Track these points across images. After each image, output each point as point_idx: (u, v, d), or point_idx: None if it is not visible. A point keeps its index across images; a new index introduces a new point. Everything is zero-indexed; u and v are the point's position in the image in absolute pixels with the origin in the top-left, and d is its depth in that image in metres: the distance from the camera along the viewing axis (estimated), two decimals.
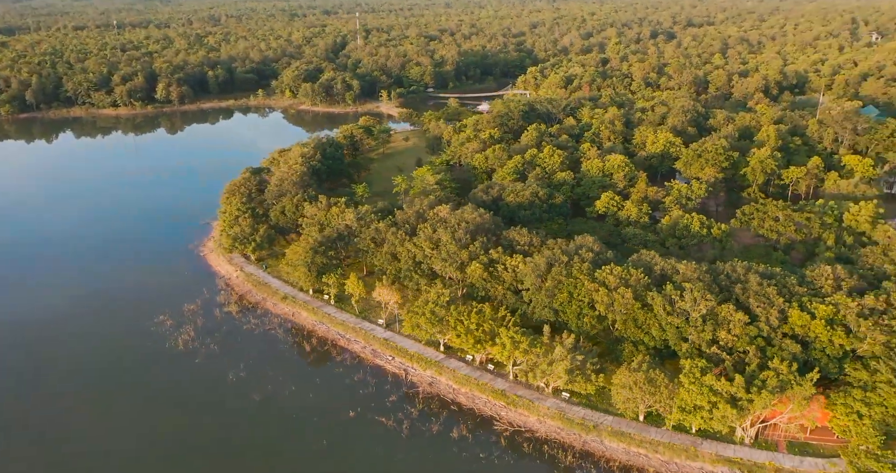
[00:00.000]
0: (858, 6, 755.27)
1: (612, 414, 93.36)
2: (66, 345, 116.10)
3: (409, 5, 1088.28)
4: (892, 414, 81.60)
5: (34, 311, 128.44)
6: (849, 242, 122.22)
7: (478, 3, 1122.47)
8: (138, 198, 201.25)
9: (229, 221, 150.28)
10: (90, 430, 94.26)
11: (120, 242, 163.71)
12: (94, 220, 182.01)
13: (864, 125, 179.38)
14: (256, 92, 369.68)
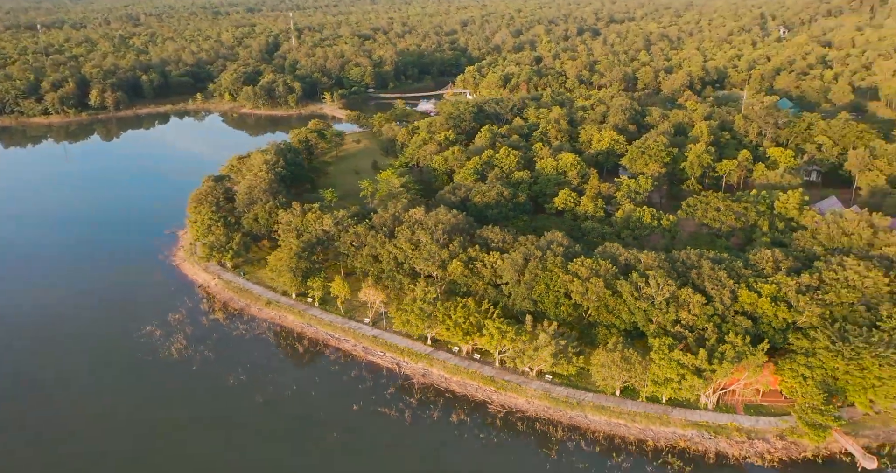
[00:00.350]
0: (765, 1, 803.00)
1: (593, 391, 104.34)
2: (58, 359, 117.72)
3: (334, 2, 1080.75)
4: (831, 375, 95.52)
5: (15, 327, 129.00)
6: (780, 227, 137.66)
7: (404, 0, 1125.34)
8: (92, 209, 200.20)
9: (202, 230, 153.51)
10: (103, 437, 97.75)
11: (87, 255, 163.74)
12: (53, 234, 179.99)
13: (783, 120, 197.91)
14: (194, 96, 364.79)
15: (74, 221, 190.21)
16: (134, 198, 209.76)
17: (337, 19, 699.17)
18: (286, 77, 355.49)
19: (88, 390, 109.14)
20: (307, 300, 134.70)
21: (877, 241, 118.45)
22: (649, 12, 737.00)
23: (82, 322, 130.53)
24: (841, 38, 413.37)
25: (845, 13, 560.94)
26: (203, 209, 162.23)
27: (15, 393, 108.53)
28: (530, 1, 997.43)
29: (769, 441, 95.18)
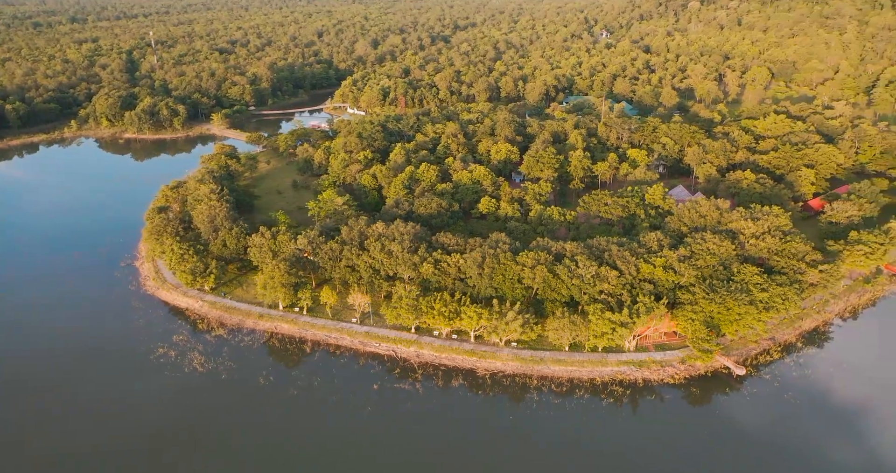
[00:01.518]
0: (586, 5, 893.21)
1: (549, 350, 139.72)
2: (83, 392, 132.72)
3: (164, 7, 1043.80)
4: (709, 316, 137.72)
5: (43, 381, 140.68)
6: (653, 214, 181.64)
7: (243, 6, 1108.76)
8: (24, 244, 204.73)
9: (176, 260, 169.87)
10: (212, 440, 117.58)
11: (56, 296, 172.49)
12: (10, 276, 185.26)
13: (634, 126, 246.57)
14: (69, 123, 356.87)
15: (21, 255, 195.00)
16: (55, 232, 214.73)
17: (182, 30, 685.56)
18: (167, 100, 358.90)
19: (151, 408, 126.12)
20: (294, 310, 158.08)
21: (723, 219, 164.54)
22: (487, 17, 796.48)
23: (93, 356, 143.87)
24: (656, 43, 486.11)
25: (654, 17, 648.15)
26: (167, 240, 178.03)
27: (98, 427, 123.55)
28: (372, 6, 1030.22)
29: (675, 366, 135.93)
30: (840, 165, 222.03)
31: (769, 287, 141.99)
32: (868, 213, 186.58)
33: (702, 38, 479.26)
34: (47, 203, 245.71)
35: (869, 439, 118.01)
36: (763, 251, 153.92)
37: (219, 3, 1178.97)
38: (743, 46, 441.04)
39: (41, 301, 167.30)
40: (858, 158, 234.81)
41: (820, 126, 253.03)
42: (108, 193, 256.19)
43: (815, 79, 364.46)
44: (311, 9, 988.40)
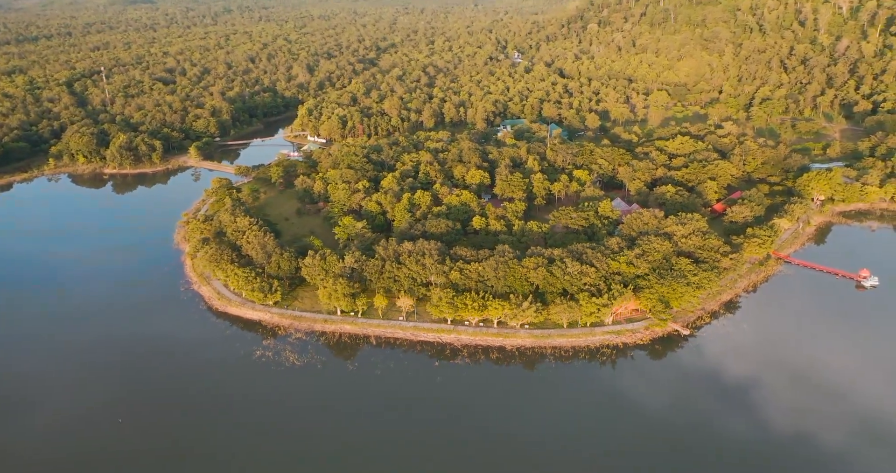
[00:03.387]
0: (490, 23, 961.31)
1: (553, 328, 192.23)
2: (223, 390, 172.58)
3: (63, 29, 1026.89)
4: (662, 295, 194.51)
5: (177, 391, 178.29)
6: (606, 223, 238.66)
7: (146, 25, 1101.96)
8: (78, 280, 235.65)
9: (242, 281, 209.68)
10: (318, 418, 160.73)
11: (137, 317, 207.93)
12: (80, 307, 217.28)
13: (575, 150, 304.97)
14: (42, 161, 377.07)
15: (92, 299, 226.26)
16: (111, 268, 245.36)
17: (107, 57, 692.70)
18: (142, 136, 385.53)
19: (279, 393, 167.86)
20: (350, 314, 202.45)
21: (660, 225, 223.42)
22: (404, 38, 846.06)
23: (208, 363, 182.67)
24: (568, 67, 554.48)
25: (559, 39, 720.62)
26: (227, 266, 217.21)
27: (237, 422, 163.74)
28: (285, 26, 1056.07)
29: (641, 332, 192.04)
30: (733, 176, 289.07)
31: (698, 272, 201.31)
32: (757, 213, 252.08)
33: (606, 62, 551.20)
34: (74, 243, 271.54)
35: (761, 364, 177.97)
36: (691, 247, 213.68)
37: (118, 21, 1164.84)
38: (642, 69, 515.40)
39: (137, 327, 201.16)
40: (745, 169, 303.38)
41: (715, 144, 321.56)
42: (124, 229, 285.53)
43: (704, 99, 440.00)
44: (226, 30, 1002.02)
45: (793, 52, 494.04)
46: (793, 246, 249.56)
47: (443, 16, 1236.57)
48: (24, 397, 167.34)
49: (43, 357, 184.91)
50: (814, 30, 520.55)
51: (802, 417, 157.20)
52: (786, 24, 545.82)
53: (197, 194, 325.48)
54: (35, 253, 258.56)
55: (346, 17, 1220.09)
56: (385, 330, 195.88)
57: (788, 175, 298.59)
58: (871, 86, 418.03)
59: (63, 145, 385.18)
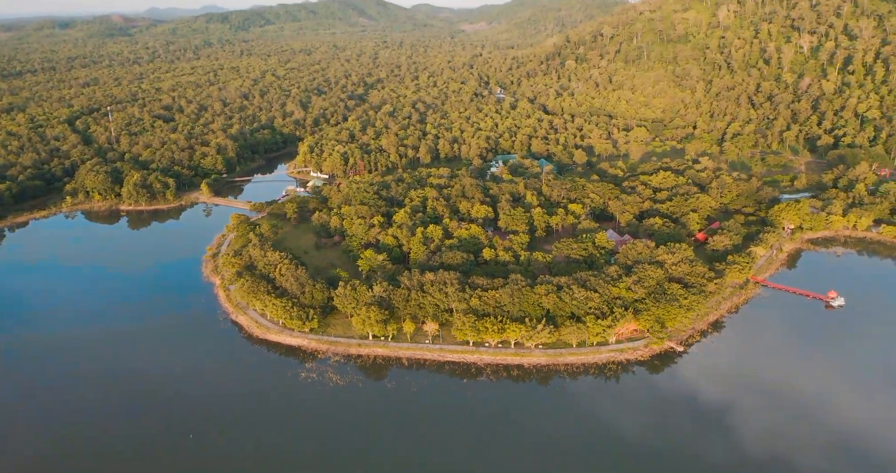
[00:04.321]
0: (471, 59, 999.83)
1: (564, 347, 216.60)
2: (280, 407, 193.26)
3: (47, 64, 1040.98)
4: (658, 317, 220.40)
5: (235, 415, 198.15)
6: (603, 253, 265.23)
7: (128, 59, 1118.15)
8: (119, 316, 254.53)
9: (280, 311, 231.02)
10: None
11: (185, 348, 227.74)
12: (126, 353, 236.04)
13: (569, 185, 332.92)
14: (58, 198, 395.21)
15: (139, 334, 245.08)
16: (147, 302, 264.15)
17: (101, 93, 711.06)
18: (155, 173, 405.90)
19: (331, 408, 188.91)
20: (381, 339, 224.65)
21: (652, 254, 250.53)
22: (389, 74, 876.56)
23: (264, 383, 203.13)
24: (551, 104, 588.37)
25: (539, 75, 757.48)
26: (264, 297, 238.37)
27: (285, 442, 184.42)
28: (269, 60, 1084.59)
29: (641, 349, 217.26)
30: (712, 207, 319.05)
31: (688, 296, 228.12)
32: (736, 242, 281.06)
33: (587, 98, 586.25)
34: (106, 279, 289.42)
35: (746, 375, 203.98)
36: (680, 273, 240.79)
37: (100, 55, 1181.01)
38: (621, 106, 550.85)
39: (187, 355, 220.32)
40: (723, 200, 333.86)
41: (694, 178, 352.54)
42: (150, 263, 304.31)
43: (680, 134, 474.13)
44: (211, 64, 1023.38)
45: (759, 89, 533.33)
46: (768, 270, 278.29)
47: (422, 50, 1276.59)
48: (94, 426, 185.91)
49: (102, 390, 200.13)
50: (778, 68, 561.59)
51: (781, 424, 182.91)
52: (752, 62, 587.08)
53: (210, 229, 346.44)
54: (68, 288, 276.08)
55: (328, 52, 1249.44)
56: (414, 352, 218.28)
57: (761, 206, 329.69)
58: (832, 122, 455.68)
59: (78, 183, 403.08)
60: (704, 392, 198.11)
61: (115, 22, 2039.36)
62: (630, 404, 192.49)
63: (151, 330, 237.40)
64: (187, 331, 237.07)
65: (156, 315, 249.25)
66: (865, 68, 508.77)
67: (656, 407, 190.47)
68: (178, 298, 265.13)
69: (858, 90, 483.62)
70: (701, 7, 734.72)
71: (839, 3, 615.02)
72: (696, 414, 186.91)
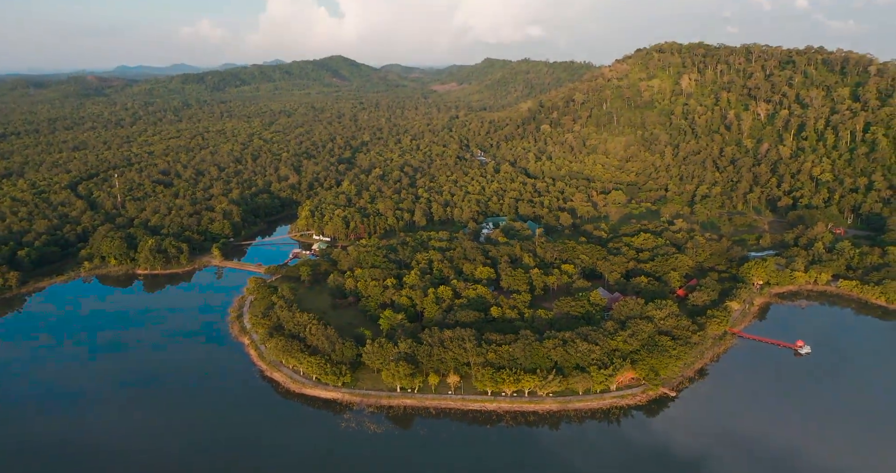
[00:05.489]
0: (448, 122, 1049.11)
1: (572, 395, 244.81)
2: (331, 457, 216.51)
3: (30, 126, 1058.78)
4: (653, 364, 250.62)
5: None
6: (598, 309, 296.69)
7: (110, 120, 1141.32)
8: (153, 377, 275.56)
9: (316, 367, 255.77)
10: None
11: (229, 407, 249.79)
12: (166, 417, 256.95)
13: (560, 247, 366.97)
14: (74, 263, 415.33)
15: (177, 395, 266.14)
16: (180, 363, 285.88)
17: (95, 158, 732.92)
18: (169, 239, 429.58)
19: (373, 453, 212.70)
20: (407, 391, 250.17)
21: (643, 311, 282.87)
22: (372, 137, 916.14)
23: (310, 435, 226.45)
24: (532, 167, 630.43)
25: (516, 138, 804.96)
26: (298, 355, 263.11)
27: None
28: (252, 122, 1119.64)
29: (639, 395, 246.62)
30: (689, 266, 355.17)
31: (676, 347, 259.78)
32: (713, 298, 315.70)
33: (565, 162, 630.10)
34: (133, 341, 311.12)
35: (727, 414, 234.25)
36: (668, 327, 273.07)
37: (80, 117, 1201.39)
38: (597, 169, 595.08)
39: (234, 412, 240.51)
40: (698, 259, 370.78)
41: (671, 239, 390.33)
42: (176, 325, 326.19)
43: (653, 196, 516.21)
44: (196, 127, 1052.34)
45: (723, 153, 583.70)
46: (742, 322, 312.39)
47: (399, 112, 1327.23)
48: None
49: (159, 456, 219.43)
50: (738, 133, 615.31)
51: (764, 460, 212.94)
52: (714, 127, 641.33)
53: (225, 291, 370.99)
54: (99, 353, 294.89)
55: (307, 113, 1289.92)
56: (439, 402, 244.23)
57: (732, 264, 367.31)
58: (790, 184, 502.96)
59: (94, 248, 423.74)
60: (697, 433, 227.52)
61: (90, 82, 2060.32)
62: (632, 445, 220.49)
63: (192, 391, 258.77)
64: (228, 389, 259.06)
65: (194, 375, 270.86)
66: (817, 134, 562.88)
67: (656, 447, 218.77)
68: (212, 359, 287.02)
69: (812, 155, 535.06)
70: (664, 75, 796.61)
71: (791, 75, 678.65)
72: (691, 453, 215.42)
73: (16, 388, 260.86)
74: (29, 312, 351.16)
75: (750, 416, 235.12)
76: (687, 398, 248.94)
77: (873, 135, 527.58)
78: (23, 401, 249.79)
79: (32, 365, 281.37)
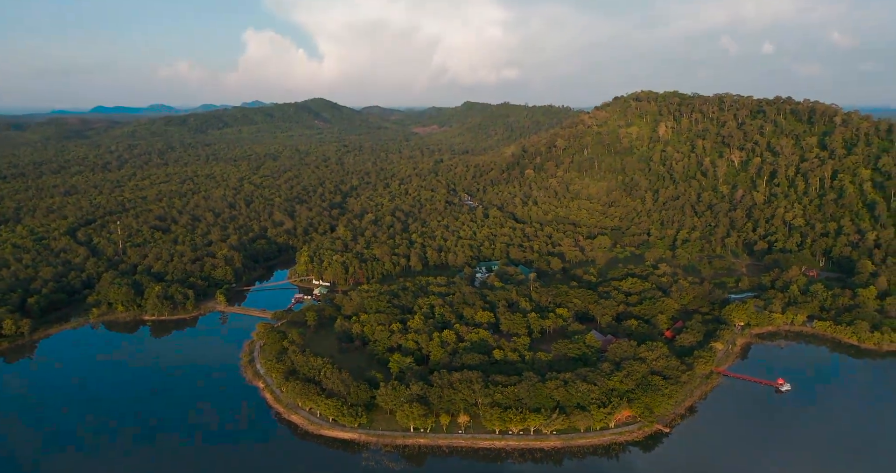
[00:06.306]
0: (433, 166, 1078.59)
1: (574, 432, 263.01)
2: None
3: (14, 171, 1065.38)
4: (648, 403, 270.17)
5: None
6: (593, 351, 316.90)
7: (101, 166, 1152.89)
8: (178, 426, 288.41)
9: (334, 410, 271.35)
10: None
11: (252, 455, 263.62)
12: None
13: (554, 292, 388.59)
14: (82, 309, 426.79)
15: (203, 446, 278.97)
16: (198, 409, 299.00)
17: (88, 202, 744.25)
18: (175, 285, 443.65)
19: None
20: (421, 430, 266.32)
21: (636, 352, 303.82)
22: (360, 181, 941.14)
23: None
24: (519, 212, 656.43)
25: (502, 183, 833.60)
26: (315, 398, 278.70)
27: None
28: (240, 166, 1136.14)
29: (636, 432, 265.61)
30: (675, 309, 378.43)
31: (668, 386, 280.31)
32: (698, 339, 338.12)
33: (551, 207, 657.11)
34: (149, 386, 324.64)
35: (717, 448, 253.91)
36: (660, 367, 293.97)
37: (65, 160, 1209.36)
38: (582, 214, 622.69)
39: (259, 455, 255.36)
40: (682, 302, 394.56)
41: (656, 282, 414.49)
42: (188, 370, 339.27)
43: (637, 240, 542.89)
44: (185, 171, 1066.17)
45: (700, 198, 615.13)
46: (727, 362, 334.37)
47: (384, 154, 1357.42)
48: None
49: None
50: (714, 179, 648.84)
51: None
52: (691, 173, 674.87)
53: (231, 335, 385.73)
54: (115, 400, 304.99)
55: (293, 157, 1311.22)
56: (451, 441, 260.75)
57: (714, 306, 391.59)
58: (764, 229, 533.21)
59: (101, 295, 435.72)
60: (691, 467, 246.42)
61: (70, 123, 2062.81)
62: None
63: (214, 434, 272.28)
64: (247, 432, 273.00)
65: (213, 418, 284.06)
66: (788, 181, 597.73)
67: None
68: (229, 402, 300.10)
69: (784, 200, 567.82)
70: (642, 123, 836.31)
71: (762, 124, 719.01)
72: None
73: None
74: (41, 364, 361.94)
75: (739, 451, 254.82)
76: (680, 434, 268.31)
77: (840, 182, 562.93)
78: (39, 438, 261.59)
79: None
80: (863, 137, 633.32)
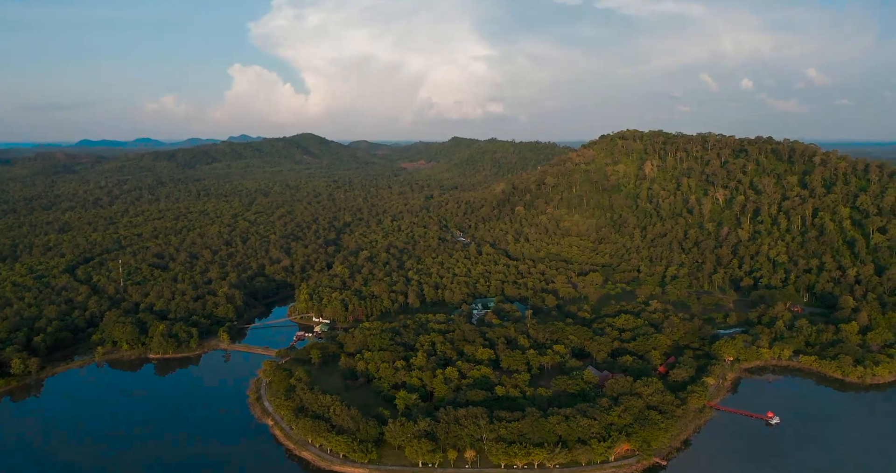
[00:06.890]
0: (422, 202, 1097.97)
1: (576, 466, 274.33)
2: None
3: (5, 207, 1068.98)
4: (645, 437, 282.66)
5: None
6: (591, 387, 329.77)
7: (92, 202, 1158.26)
8: None
9: (345, 446, 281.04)
10: None
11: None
12: None
13: (551, 329, 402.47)
14: (87, 348, 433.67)
15: None
16: (209, 446, 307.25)
17: (84, 239, 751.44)
18: (179, 323, 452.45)
19: None
20: (429, 465, 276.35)
21: (632, 387, 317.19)
22: (353, 217, 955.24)
23: None
24: (511, 249, 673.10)
25: (493, 220, 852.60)
26: (326, 434, 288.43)
27: None
28: (232, 203, 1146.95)
29: (634, 465, 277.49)
30: (667, 344, 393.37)
31: (664, 420, 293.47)
32: (691, 374, 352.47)
33: (543, 244, 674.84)
34: (157, 424, 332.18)
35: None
36: (655, 402, 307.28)
37: (55, 196, 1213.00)
38: (573, 251, 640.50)
39: None
40: (674, 338, 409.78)
41: (648, 319, 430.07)
42: (195, 409, 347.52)
43: (627, 277, 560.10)
44: (177, 207, 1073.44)
45: (687, 235, 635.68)
46: (718, 396, 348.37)
47: (374, 190, 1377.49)
48: None
49: None
50: (700, 217, 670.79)
51: None
52: (677, 211, 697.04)
53: (235, 373, 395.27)
54: (123, 438, 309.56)
55: (284, 193, 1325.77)
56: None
57: (704, 341, 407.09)
58: (750, 265, 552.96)
59: (106, 334, 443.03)
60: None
61: (59, 159, 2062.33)
62: None
63: None
64: (261, 469, 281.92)
65: (223, 456, 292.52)
66: (771, 218, 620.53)
67: None
68: (238, 440, 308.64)
69: (768, 238, 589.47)
70: (628, 161, 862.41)
71: (744, 163, 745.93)
72: None
73: None
74: (48, 403, 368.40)
75: None
76: (676, 466, 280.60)
77: (821, 219, 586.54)
78: None
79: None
80: (841, 176, 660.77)
